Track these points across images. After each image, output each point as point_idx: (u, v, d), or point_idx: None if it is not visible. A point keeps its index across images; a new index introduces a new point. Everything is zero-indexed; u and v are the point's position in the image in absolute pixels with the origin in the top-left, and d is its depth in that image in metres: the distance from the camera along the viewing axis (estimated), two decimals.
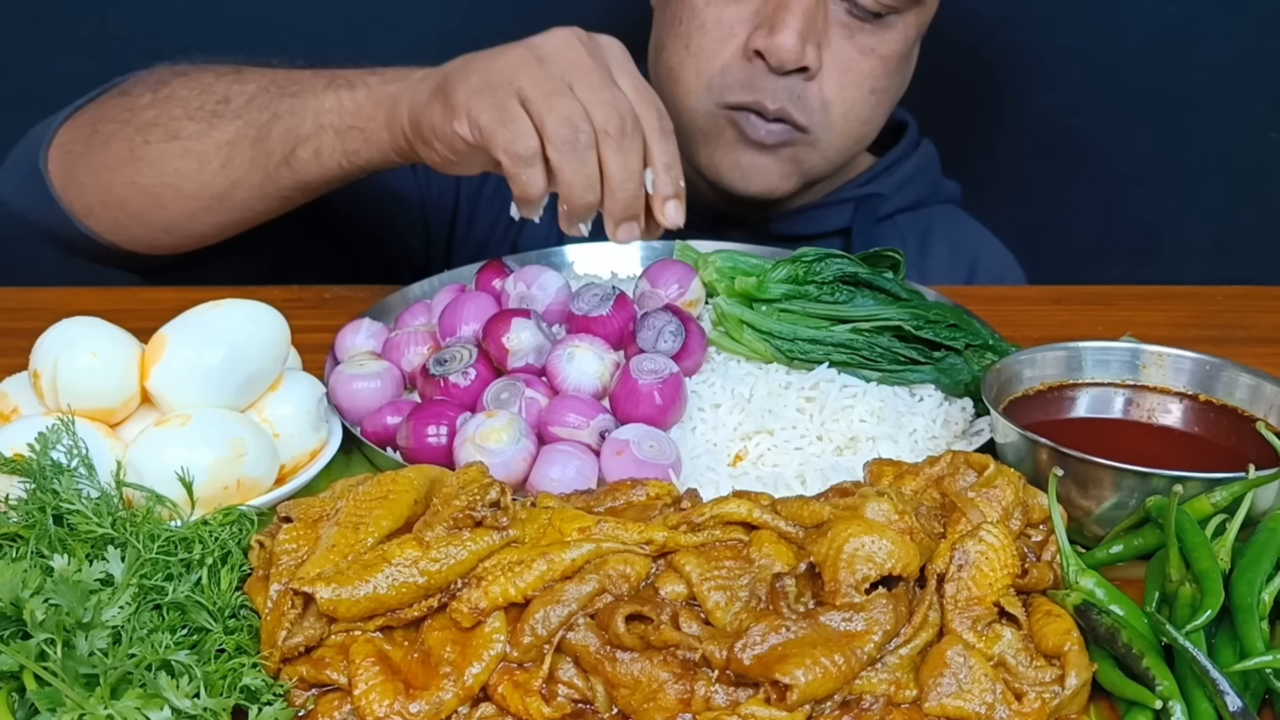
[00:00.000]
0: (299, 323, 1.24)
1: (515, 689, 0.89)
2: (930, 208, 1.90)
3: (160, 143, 1.50)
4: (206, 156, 1.48)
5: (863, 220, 1.81)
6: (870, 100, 1.68)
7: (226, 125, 1.48)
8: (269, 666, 0.91)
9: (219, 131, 1.48)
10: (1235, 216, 2.39)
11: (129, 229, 1.57)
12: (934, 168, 1.91)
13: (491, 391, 1.21)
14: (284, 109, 1.45)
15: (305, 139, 1.44)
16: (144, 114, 1.53)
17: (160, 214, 1.54)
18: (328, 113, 1.42)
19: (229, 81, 1.51)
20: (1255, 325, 1.64)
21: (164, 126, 1.51)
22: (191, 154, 1.49)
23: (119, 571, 0.94)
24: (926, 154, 1.90)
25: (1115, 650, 0.93)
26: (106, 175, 1.54)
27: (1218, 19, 2.22)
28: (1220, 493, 1.04)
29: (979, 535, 0.96)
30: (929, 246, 1.87)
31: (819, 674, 0.85)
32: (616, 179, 1.25)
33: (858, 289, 1.33)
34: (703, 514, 1.00)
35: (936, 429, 1.26)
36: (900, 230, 1.85)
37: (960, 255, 1.89)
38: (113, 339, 1.13)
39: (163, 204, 1.52)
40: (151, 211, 1.54)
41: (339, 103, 1.42)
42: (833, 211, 1.82)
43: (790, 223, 1.80)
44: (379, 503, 0.97)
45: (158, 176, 1.51)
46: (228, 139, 1.48)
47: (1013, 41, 2.25)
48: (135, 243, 1.58)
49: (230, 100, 1.49)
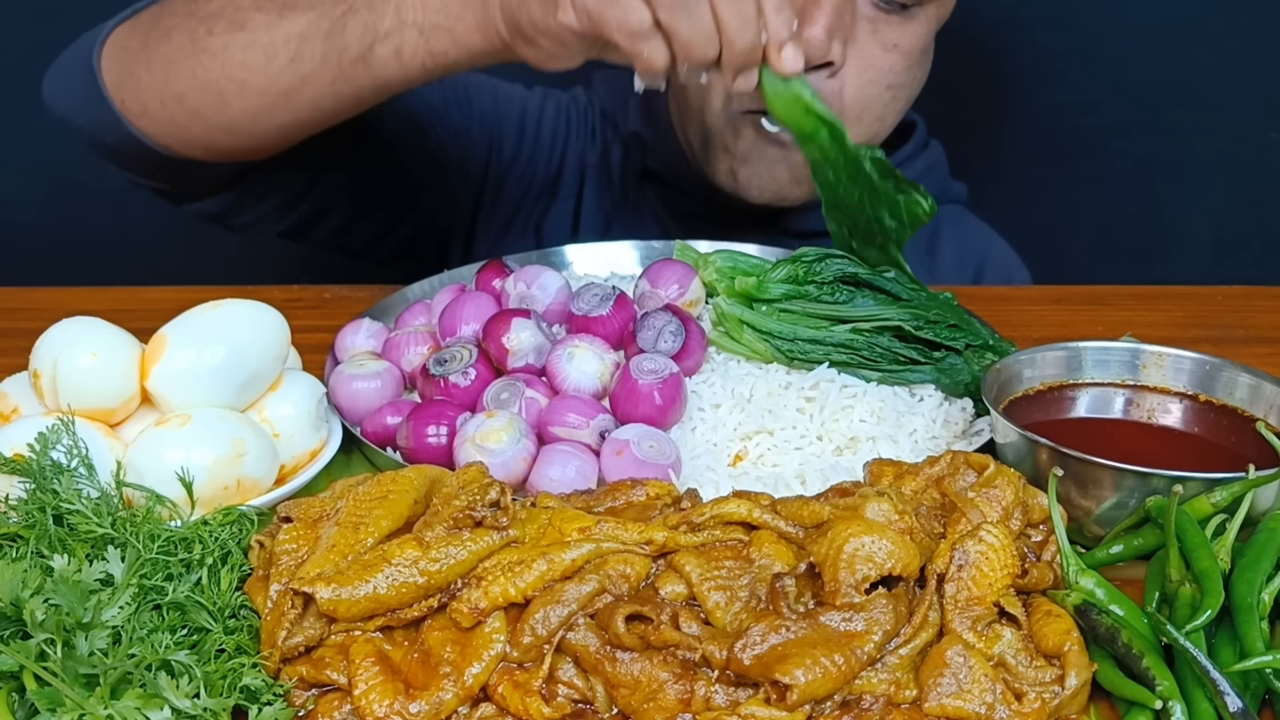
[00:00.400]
0: (299, 323, 1.24)
1: (515, 689, 0.89)
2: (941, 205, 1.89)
3: (225, 34, 1.41)
4: (274, 49, 1.40)
5: None
6: (885, 96, 1.67)
7: (298, 16, 1.39)
8: (269, 666, 0.91)
9: (289, 23, 1.39)
10: (1235, 216, 2.39)
11: (187, 128, 1.48)
12: (942, 168, 1.91)
13: (491, 391, 1.21)
14: (361, 2, 1.37)
15: (385, 36, 1.35)
16: (209, 4, 1.44)
17: (222, 111, 1.45)
18: (410, 8, 1.34)
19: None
20: (1255, 325, 1.64)
21: (229, 17, 1.42)
22: (259, 45, 1.40)
23: (119, 571, 0.94)
24: (934, 154, 1.90)
25: (1115, 650, 0.93)
26: (166, 69, 1.45)
27: (1218, 19, 2.22)
28: (1220, 493, 1.04)
29: (979, 535, 0.96)
30: (937, 246, 1.87)
31: (819, 674, 0.85)
32: (734, 28, 1.21)
33: (858, 289, 1.33)
34: (703, 514, 1.00)
35: (936, 429, 1.26)
36: None
37: (968, 255, 1.90)
38: (113, 339, 1.13)
39: (225, 99, 1.44)
40: (213, 108, 1.45)
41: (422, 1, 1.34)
42: None
43: (806, 219, 1.79)
44: (379, 503, 0.97)
45: (222, 69, 1.42)
46: (299, 31, 1.39)
47: (1013, 42, 2.25)
48: (191, 145, 1.50)
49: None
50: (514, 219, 1.88)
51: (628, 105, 1.87)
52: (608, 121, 1.90)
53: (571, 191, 1.89)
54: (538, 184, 1.89)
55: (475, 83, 1.86)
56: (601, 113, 1.91)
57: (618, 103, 1.89)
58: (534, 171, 1.90)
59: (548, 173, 1.89)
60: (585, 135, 1.91)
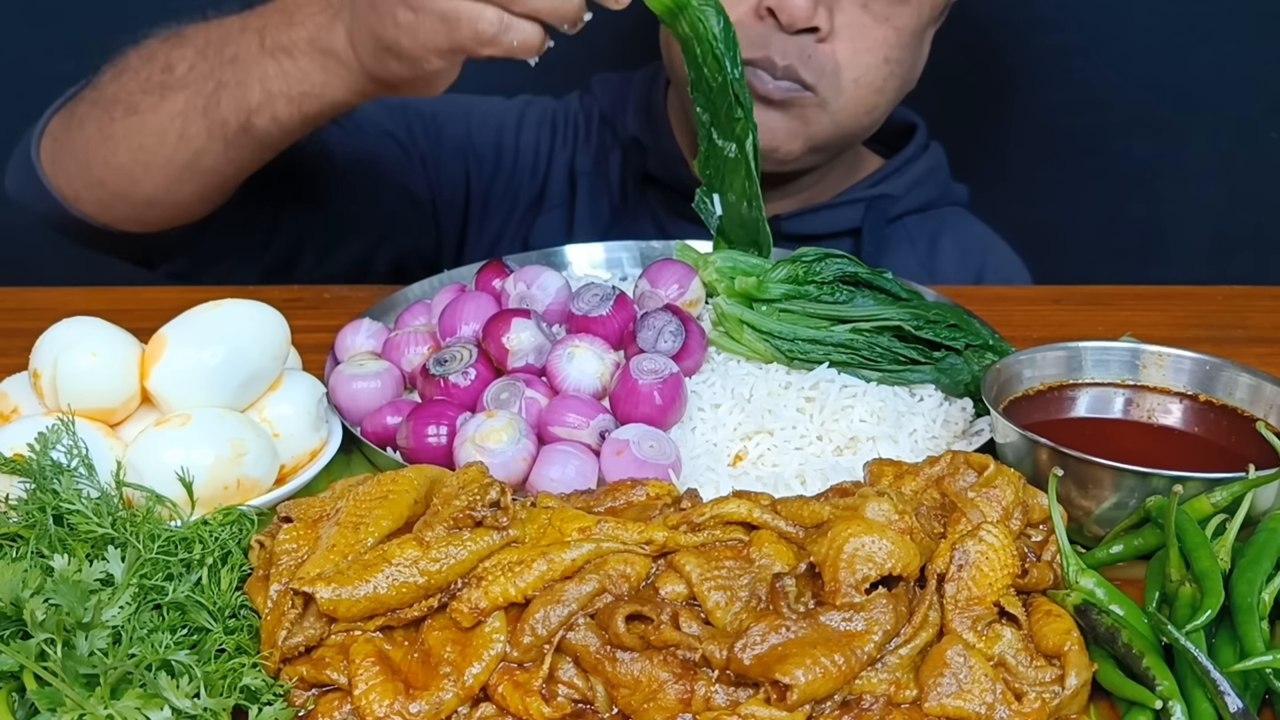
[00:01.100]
0: (299, 323, 1.24)
1: (515, 689, 0.89)
2: (939, 210, 1.90)
3: (123, 119, 1.50)
4: (163, 129, 1.48)
5: (873, 221, 1.81)
6: (884, 69, 1.67)
7: (176, 95, 1.47)
8: (269, 666, 0.91)
9: (170, 103, 1.47)
10: (1235, 216, 2.39)
11: (114, 208, 1.57)
12: (943, 170, 1.91)
13: (491, 391, 1.21)
14: (228, 78, 1.43)
15: (258, 108, 1.42)
16: (106, 90, 1.53)
17: (137, 189, 1.53)
18: (273, 79, 1.41)
19: (170, 46, 1.50)
20: (1255, 325, 1.64)
21: (124, 102, 1.50)
22: (150, 128, 1.49)
23: (119, 571, 0.94)
24: (936, 156, 1.90)
25: (1115, 650, 0.93)
26: (85, 157, 1.54)
27: (1218, 19, 2.22)
28: (1220, 493, 1.04)
29: (979, 535, 0.96)
30: (938, 248, 1.87)
31: (819, 674, 0.85)
32: None
33: (858, 289, 1.33)
34: (703, 514, 1.00)
35: (936, 429, 1.26)
36: (910, 232, 1.86)
37: (969, 257, 1.90)
38: (113, 339, 1.13)
39: (136, 179, 1.52)
40: (129, 188, 1.53)
41: (281, 70, 1.40)
42: (843, 211, 1.82)
43: (801, 222, 1.80)
44: (379, 503, 0.97)
45: (126, 153, 1.51)
46: (179, 110, 1.46)
47: (1013, 42, 2.25)
48: (126, 221, 1.58)
49: (174, 67, 1.48)
50: (502, 233, 1.88)
51: (626, 109, 1.87)
52: (606, 125, 1.89)
53: (560, 201, 1.89)
54: (523, 198, 1.89)
55: (445, 108, 1.87)
56: (600, 117, 1.90)
57: (616, 107, 1.88)
58: (518, 185, 1.90)
59: (533, 185, 1.90)
60: (576, 141, 1.91)
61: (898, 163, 1.86)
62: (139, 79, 1.50)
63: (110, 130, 1.51)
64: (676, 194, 1.81)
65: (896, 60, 1.68)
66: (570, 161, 1.90)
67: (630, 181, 1.86)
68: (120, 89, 1.51)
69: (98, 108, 1.53)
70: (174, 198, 1.54)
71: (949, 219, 1.90)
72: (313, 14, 1.39)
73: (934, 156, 1.90)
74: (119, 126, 1.51)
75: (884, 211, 1.82)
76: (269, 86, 1.41)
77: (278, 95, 1.41)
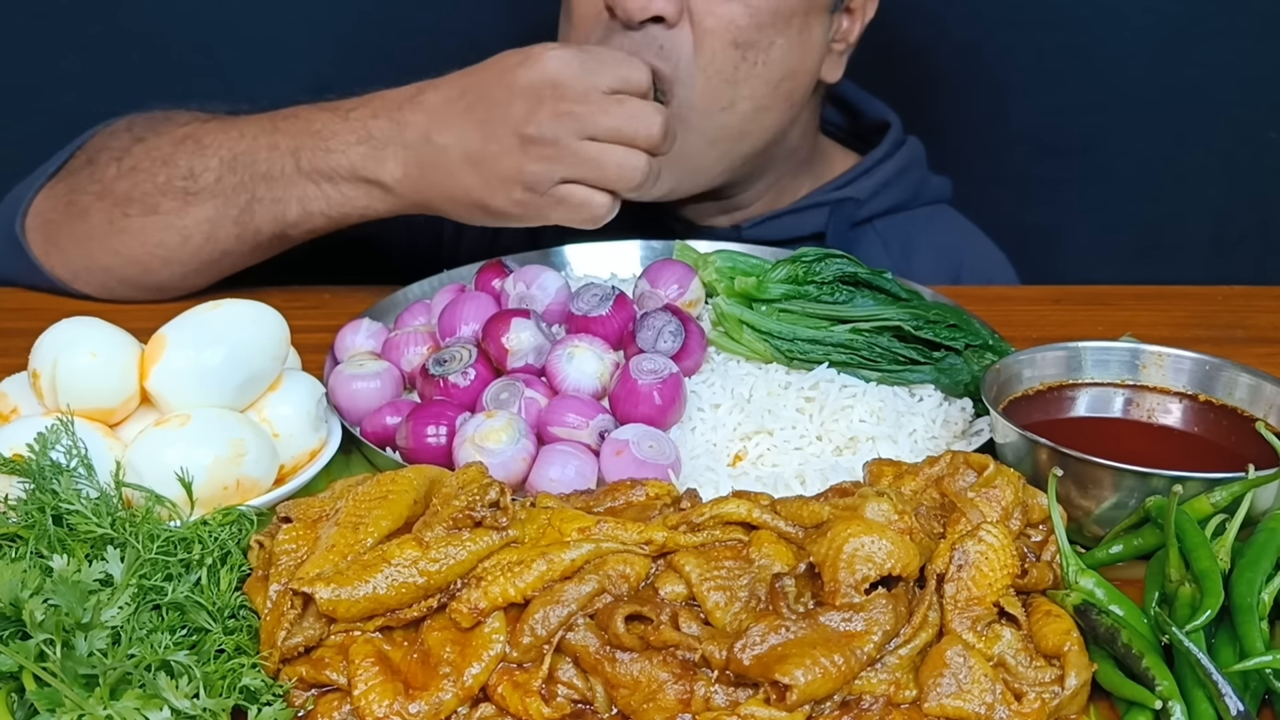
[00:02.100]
0: (299, 323, 1.24)
1: (515, 689, 0.89)
2: (913, 210, 1.83)
3: (140, 216, 1.53)
4: (188, 231, 1.52)
5: (837, 225, 1.75)
6: (734, 55, 1.54)
7: (204, 203, 1.50)
8: (268, 667, 0.91)
9: (198, 209, 1.51)
10: (1235, 216, 2.39)
11: (118, 289, 1.59)
12: (918, 167, 1.84)
13: (491, 391, 1.21)
14: (263, 194, 1.48)
15: (294, 223, 1.49)
16: (115, 186, 1.55)
17: (149, 278, 1.56)
18: (312, 201, 1.47)
19: (189, 153, 1.52)
20: (1255, 325, 1.64)
21: (140, 201, 1.53)
22: (174, 229, 1.52)
23: (118, 572, 0.94)
24: (910, 154, 1.83)
25: (1115, 650, 0.93)
26: (88, 245, 1.56)
27: (1218, 19, 2.22)
28: (1220, 493, 1.04)
29: (979, 535, 0.96)
30: (912, 250, 1.81)
31: (819, 674, 0.85)
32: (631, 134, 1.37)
33: (857, 289, 1.33)
34: (702, 514, 1.00)
35: (936, 429, 1.26)
36: (880, 234, 1.80)
37: (945, 258, 1.84)
38: (112, 339, 1.13)
39: (150, 270, 1.55)
40: (139, 277, 1.56)
41: (321, 193, 1.46)
42: (806, 216, 1.76)
43: (763, 229, 1.75)
44: (378, 503, 0.97)
45: (142, 248, 1.54)
46: (208, 216, 1.51)
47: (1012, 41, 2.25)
48: (129, 298, 1.60)
49: (196, 175, 1.51)
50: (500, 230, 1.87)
51: None
52: None
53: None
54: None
55: None
56: None
57: None
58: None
59: None
60: None
61: (867, 164, 1.80)
62: (156, 182, 1.52)
63: (124, 224, 1.54)
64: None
65: (749, 44, 1.54)
66: None
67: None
68: (134, 188, 1.53)
69: (105, 201, 1.55)
70: (186, 284, 1.58)
71: (924, 220, 1.84)
72: (351, 143, 1.44)
73: (907, 155, 1.82)
74: (135, 223, 1.53)
75: (849, 215, 1.76)
76: (309, 207, 1.47)
77: (317, 214, 1.47)
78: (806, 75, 1.65)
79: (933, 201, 1.87)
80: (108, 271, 1.57)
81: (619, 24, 1.53)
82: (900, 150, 1.83)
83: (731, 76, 1.56)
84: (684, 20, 1.53)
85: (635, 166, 1.36)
